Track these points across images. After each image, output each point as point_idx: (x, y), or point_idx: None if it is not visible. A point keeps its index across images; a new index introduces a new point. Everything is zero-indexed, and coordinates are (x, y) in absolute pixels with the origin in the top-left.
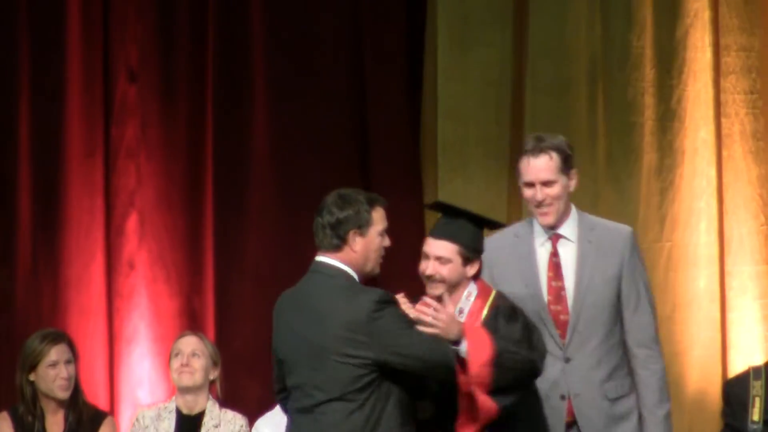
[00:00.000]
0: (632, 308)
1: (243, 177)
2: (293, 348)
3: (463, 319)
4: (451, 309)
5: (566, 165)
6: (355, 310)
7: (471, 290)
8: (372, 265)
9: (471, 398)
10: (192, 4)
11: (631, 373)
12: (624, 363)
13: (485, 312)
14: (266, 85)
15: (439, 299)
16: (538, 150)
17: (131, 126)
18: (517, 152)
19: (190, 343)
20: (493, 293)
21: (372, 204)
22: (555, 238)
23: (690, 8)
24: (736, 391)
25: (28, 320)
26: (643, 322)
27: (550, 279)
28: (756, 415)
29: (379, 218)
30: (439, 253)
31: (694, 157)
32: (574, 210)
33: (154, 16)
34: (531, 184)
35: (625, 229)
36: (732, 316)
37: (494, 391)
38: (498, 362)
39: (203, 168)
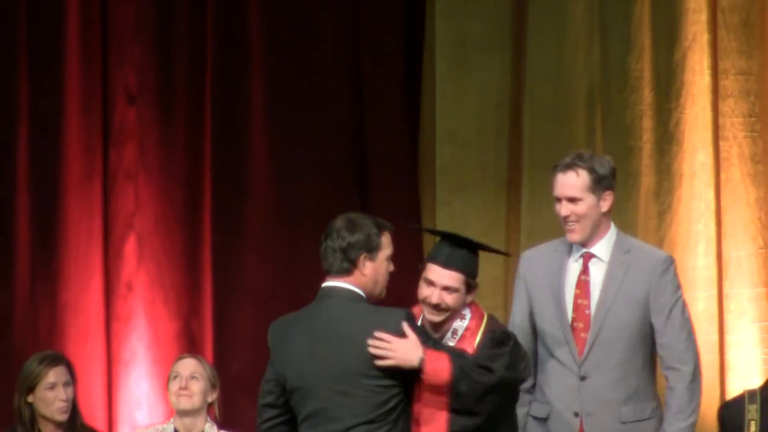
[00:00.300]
0: (660, 332)
1: (241, 199)
2: (313, 374)
3: (455, 340)
4: (410, 336)
5: (597, 184)
6: (387, 330)
7: (465, 312)
8: (380, 289)
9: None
10: (190, 25)
11: (656, 398)
12: (648, 387)
13: (479, 335)
14: (264, 110)
15: (436, 326)
16: (567, 166)
17: (130, 148)
18: (515, 175)
19: (188, 365)
20: (486, 317)
21: (381, 229)
22: (587, 256)
23: (688, 31)
24: (731, 414)
25: (26, 343)
26: (669, 344)
27: (576, 296)
28: None
29: (387, 243)
30: (447, 283)
31: (692, 180)
32: (613, 230)
33: (152, 38)
34: (559, 200)
35: (661, 254)
36: (730, 339)
37: (459, 411)
38: (454, 386)
39: (201, 190)
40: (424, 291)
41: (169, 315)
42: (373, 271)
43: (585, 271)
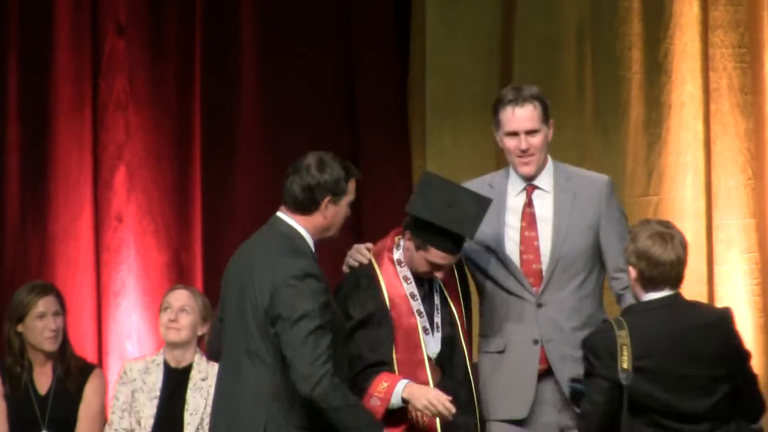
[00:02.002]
0: (615, 251)
1: (231, 131)
2: (228, 310)
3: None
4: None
5: (546, 115)
6: (277, 271)
7: None
8: (333, 233)
9: None
10: None
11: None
12: (600, 310)
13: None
14: (255, 40)
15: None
16: (522, 99)
17: (119, 80)
18: None
19: (179, 297)
20: None
21: (349, 174)
22: (530, 188)
23: None
24: (601, 341)
25: (16, 273)
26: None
27: (523, 229)
28: (625, 363)
29: (351, 189)
30: (451, 262)
31: (681, 111)
32: (550, 161)
33: None
34: (515, 134)
35: (603, 178)
36: (719, 270)
37: None
38: None
39: (191, 122)
40: (425, 267)
41: (159, 246)
42: (333, 214)
43: (530, 203)
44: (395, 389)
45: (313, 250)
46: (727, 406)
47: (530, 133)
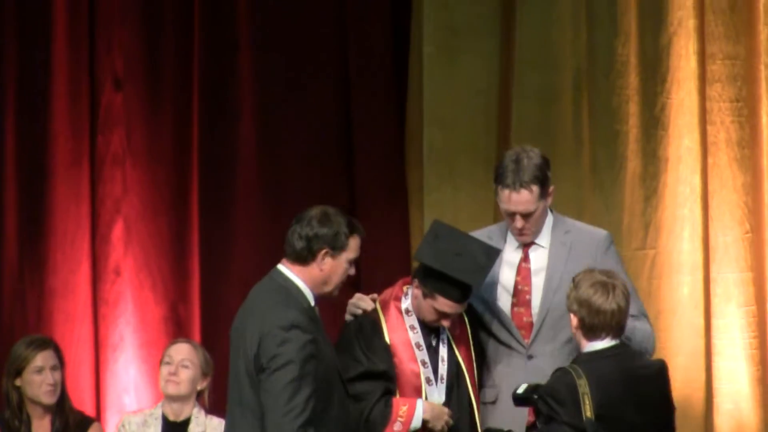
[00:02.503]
0: None
1: (228, 184)
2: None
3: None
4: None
5: (545, 189)
6: (266, 321)
7: None
8: (331, 288)
9: None
10: (177, 10)
11: None
12: None
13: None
14: (252, 93)
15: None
16: (519, 185)
17: (117, 134)
18: None
19: (181, 351)
20: None
21: (352, 230)
22: (528, 245)
23: (674, 16)
24: (565, 390)
25: (14, 328)
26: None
27: (517, 283)
28: (588, 411)
29: (353, 246)
30: (459, 311)
31: (678, 165)
32: (551, 216)
33: (139, 23)
34: (511, 213)
35: (601, 232)
36: (716, 323)
37: None
38: None
39: (189, 175)
40: (432, 316)
41: (156, 300)
42: (330, 269)
43: (526, 258)
44: (416, 411)
45: (313, 304)
46: None
47: (526, 215)
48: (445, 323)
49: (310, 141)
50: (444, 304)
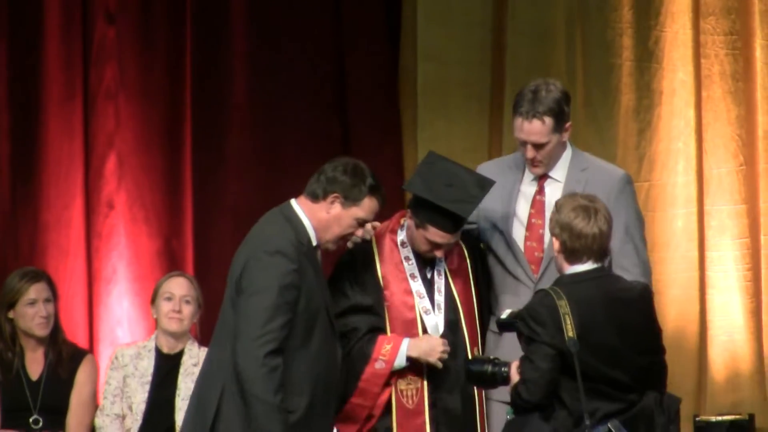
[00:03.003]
0: (617, 252)
1: (221, 118)
2: None
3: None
4: None
5: (560, 123)
6: (257, 244)
7: None
8: (329, 238)
9: None
10: None
11: None
12: None
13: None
14: (245, 27)
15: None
16: (532, 115)
17: (110, 68)
18: (498, 94)
19: (182, 287)
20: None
21: (372, 191)
22: (543, 177)
23: None
24: (546, 311)
25: (8, 261)
26: (623, 266)
27: (531, 216)
28: (570, 331)
29: (367, 206)
30: (452, 242)
31: (672, 98)
32: (569, 150)
33: None
34: (523, 142)
35: (619, 172)
36: (710, 256)
37: None
38: None
39: (182, 109)
40: (426, 247)
41: (149, 233)
42: (335, 216)
43: (540, 191)
44: (400, 350)
45: (314, 244)
46: (647, 376)
47: (538, 146)
48: (439, 254)
49: (303, 77)
50: (435, 234)
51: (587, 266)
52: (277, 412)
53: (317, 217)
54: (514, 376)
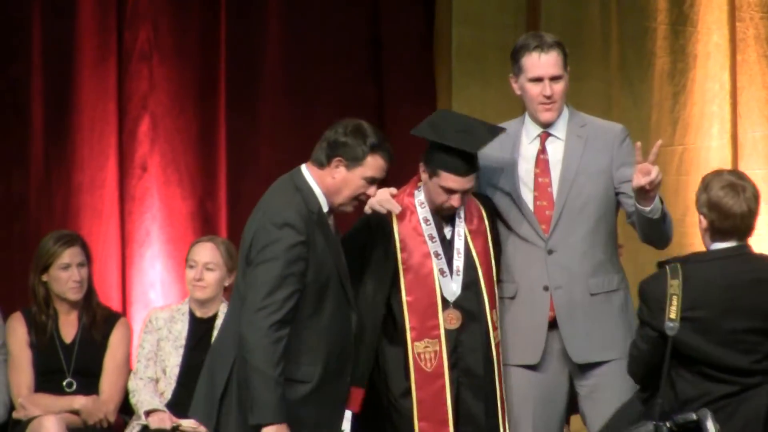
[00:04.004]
0: (630, 181)
1: (256, 81)
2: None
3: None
4: None
5: (566, 62)
6: (267, 214)
7: None
8: (341, 201)
9: None
10: None
11: (620, 270)
12: (613, 259)
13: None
14: None
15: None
16: (548, 46)
17: (144, 30)
18: None
19: (205, 254)
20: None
21: (373, 148)
22: (544, 135)
23: None
24: (652, 289)
25: (41, 223)
26: None
27: (537, 175)
28: (673, 313)
29: (373, 165)
30: (469, 186)
31: (707, 62)
32: (566, 108)
33: None
34: (539, 80)
35: (617, 126)
36: None
37: None
38: None
39: (216, 72)
40: (442, 197)
41: (183, 195)
42: (341, 179)
43: (543, 150)
44: None
45: (326, 209)
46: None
47: (554, 79)
48: (455, 202)
49: (338, 39)
50: (447, 178)
51: (727, 244)
52: (273, 384)
53: (325, 183)
54: None
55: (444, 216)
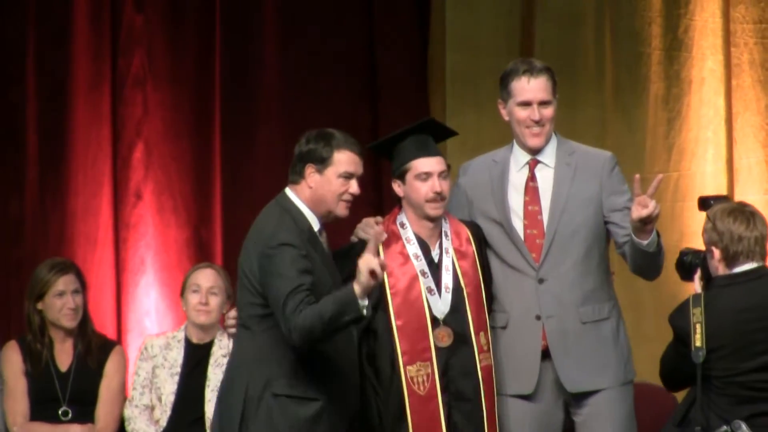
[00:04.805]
0: (623, 210)
1: (251, 106)
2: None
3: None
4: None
5: (555, 88)
6: (262, 241)
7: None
8: (328, 206)
9: None
10: None
11: (612, 297)
12: (604, 287)
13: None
14: (275, 13)
15: (433, 220)
16: (537, 70)
17: (138, 55)
18: None
19: (209, 278)
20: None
21: (339, 145)
22: (533, 163)
23: None
24: (678, 322)
25: (37, 249)
26: None
27: (526, 203)
28: (698, 341)
29: (343, 160)
30: (442, 168)
31: (702, 87)
32: (554, 136)
33: None
34: (528, 104)
35: (605, 154)
36: None
37: None
38: None
39: (211, 98)
40: (422, 188)
41: (177, 223)
42: (318, 185)
43: (532, 177)
44: None
45: (317, 227)
46: None
47: (543, 104)
48: (437, 187)
49: (333, 64)
50: (421, 164)
51: (747, 266)
52: (328, 301)
53: (306, 195)
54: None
55: (430, 235)
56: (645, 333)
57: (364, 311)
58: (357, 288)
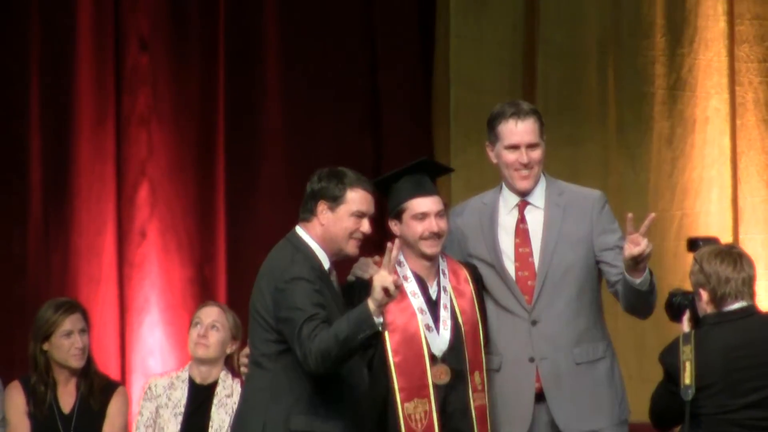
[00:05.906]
0: (617, 266)
1: (255, 144)
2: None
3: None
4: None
5: (542, 129)
6: (275, 278)
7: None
8: (339, 245)
9: None
10: None
11: (606, 337)
12: (597, 326)
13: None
14: (278, 52)
15: (430, 259)
16: (524, 113)
17: (142, 94)
18: None
19: (210, 314)
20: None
21: (352, 184)
22: (522, 204)
23: None
24: (668, 359)
25: (39, 289)
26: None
27: (517, 246)
28: (688, 379)
29: (356, 199)
30: (439, 208)
31: (706, 126)
32: (543, 177)
33: None
34: (515, 147)
35: (595, 193)
36: None
37: None
38: None
39: (215, 136)
40: (419, 227)
41: (182, 261)
42: (331, 223)
43: (522, 219)
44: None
45: (327, 267)
46: None
47: (531, 147)
48: (435, 226)
49: (337, 101)
50: (417, 205)
51: (737, 305)
52: (341, 323)
53: (317, 233)
54: None
55: (428, 273)
56: (647, 375)
57: (380, 327)
58: (371, 304)
